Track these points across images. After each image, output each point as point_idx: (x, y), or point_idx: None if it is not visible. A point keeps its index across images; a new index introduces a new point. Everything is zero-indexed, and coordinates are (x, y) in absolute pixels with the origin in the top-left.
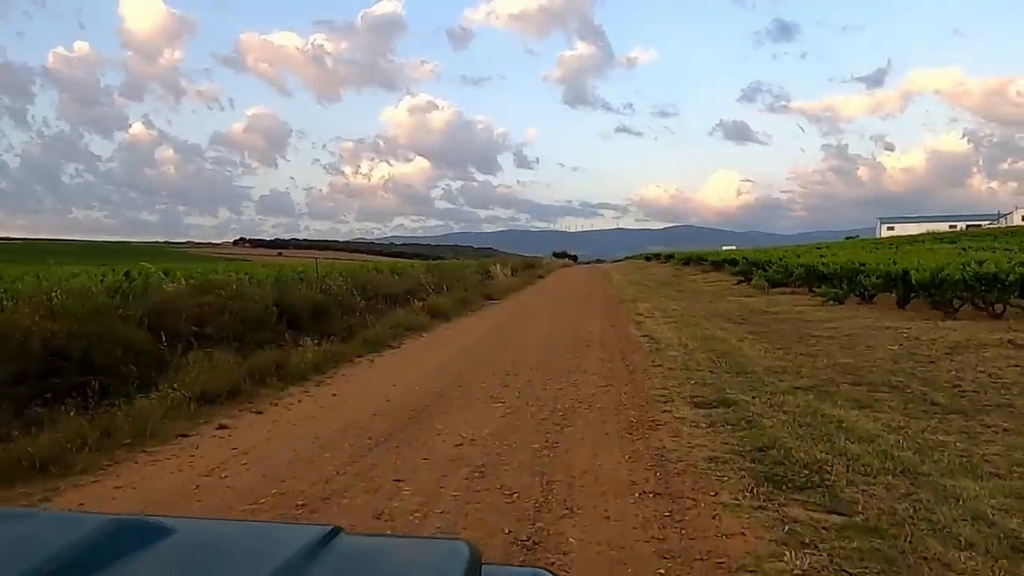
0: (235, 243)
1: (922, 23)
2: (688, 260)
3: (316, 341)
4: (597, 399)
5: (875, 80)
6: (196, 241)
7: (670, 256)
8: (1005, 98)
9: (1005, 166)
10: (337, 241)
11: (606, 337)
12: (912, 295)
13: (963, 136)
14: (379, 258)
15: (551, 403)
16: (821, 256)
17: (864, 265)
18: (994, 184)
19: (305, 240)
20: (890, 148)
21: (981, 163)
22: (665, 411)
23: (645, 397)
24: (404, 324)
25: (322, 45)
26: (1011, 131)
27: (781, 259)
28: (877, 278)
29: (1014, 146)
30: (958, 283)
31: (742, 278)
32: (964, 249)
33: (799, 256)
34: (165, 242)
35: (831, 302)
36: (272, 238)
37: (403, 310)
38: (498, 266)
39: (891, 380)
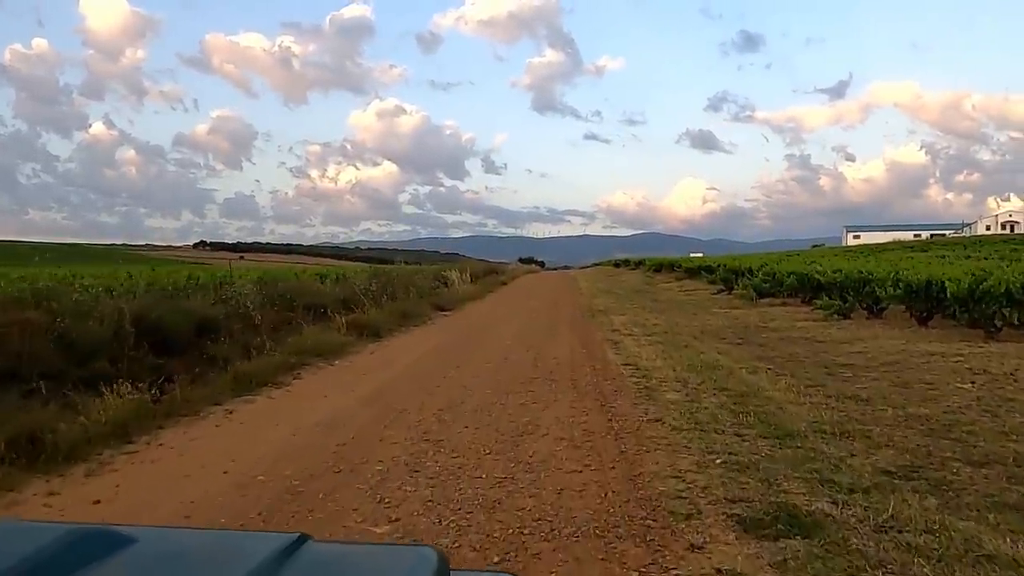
0: (195, 246)
1: (883, 37)
2: (659, 267)
3: (134, 384)
4: (565, 506)
5: (837, 92)
6: (155, 244)
7: (640, 263)
8: (960, 112)
9: (961, 178)
10: (301, 245)
11: (577, 366)
12: (934, 310)
13: (921, 148)
14: (343, 263)
15: (482, 522)
16: (808, 263)
17: (871, 274)
18: (950, 195)
19: (268, 244)
20: (851, 159)
21: (938, 175)
22: (694, 547)
23: (649, 499)
24: (314, 347)
25: (289, 47)
26: (966, 144)
27: (763, 267)
28: (896, 289)
29: (969, 159)
30: (1000, 297)
31: (722, 287)
32: (943, 257)
33: (779, 263)
34: (123, 244)
35: (836, 316)
36: (235, 241)
37: (326, 326)
38: (456, 272)
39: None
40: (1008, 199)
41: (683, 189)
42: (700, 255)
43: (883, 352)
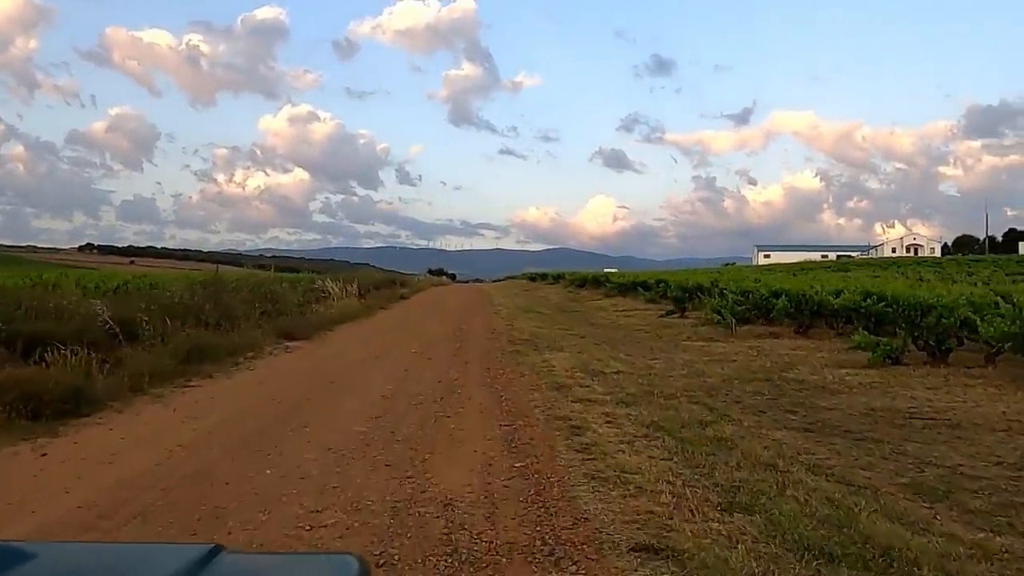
0: (81, 249)
1: (785, 69)
2: (583, 282)
3: None
4: None
5: (741, 118)
6: (37, 246)
7: (559, 276)
8: (852, 142)
9: (851, 204)
10: (200, 251)
11: (508, 564)
12: None
13: (816, 175)
14: (240, 270)
15: None
16: (755, 280)
17: (939, 299)
18: (842, 220)
19: (164, 249)
20: (753, 183)
21: (831, 200)
22: None
23: None
24: None
25: (197, 46)
26: (857, 172)
27: (714, 283)
28: (1014, 323)
29: (859, 187)
30: None
31: (672, 308)
32: (876, 277)
33: (722, 276)
34: (2, 245)
35: (885, 360)
36: (126, 245)
37: None
38: (335, 283)
39: None
40: (893, 226)
41: (595, 206)
42: (615, 270)
43: None
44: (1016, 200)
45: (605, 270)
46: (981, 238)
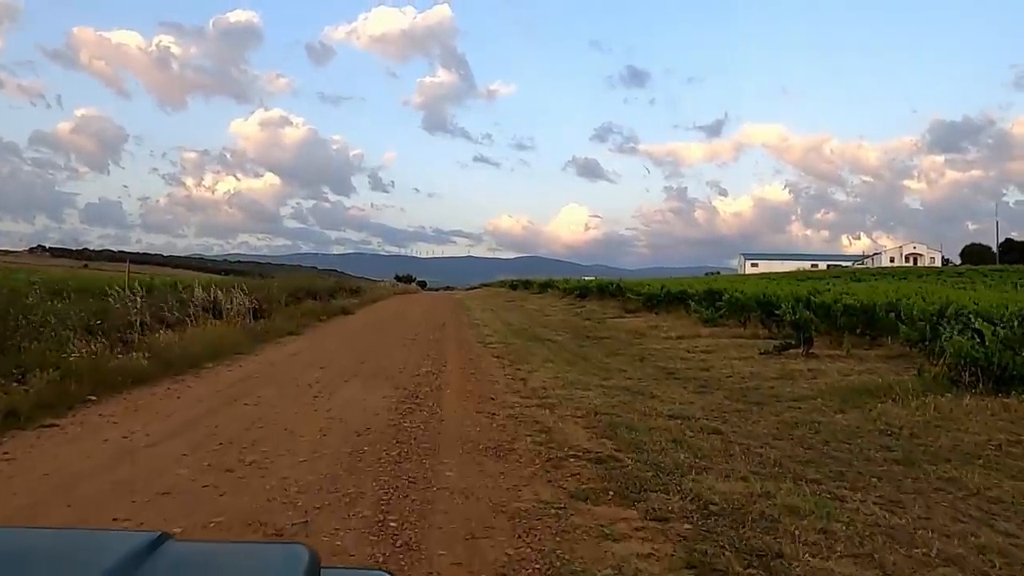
0: (31, 251)
1: (756, 81)
2: (584, 291)
3: None
4: None
5: (713, 130)
6: None
7: (548, 284)
8: (821, 155)
9: (819, 216)
10: (161, 255)
11: None
12: None
13: (785, 187)
14: (207, 275)
15: None
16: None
17: None
18: (809, 232)
19: (121, 252)
20: (724, 194)
21: (799, 212)
22: None
23: None
24: None
25: (168, 47)
26: (824, 185)
27: (845, 295)
28: None
29: (827, 199)
30: None
31: (787, 341)
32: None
33: (730, 285)
34: None
35: None
36: (81, 248)
37: None
38: (206, 291)
39: None
40: (859, 238)
41: (567, 215)
42: (592, 278)
43: None
44: (977, 214)
45: (583, 278)
46: (963, 249)
